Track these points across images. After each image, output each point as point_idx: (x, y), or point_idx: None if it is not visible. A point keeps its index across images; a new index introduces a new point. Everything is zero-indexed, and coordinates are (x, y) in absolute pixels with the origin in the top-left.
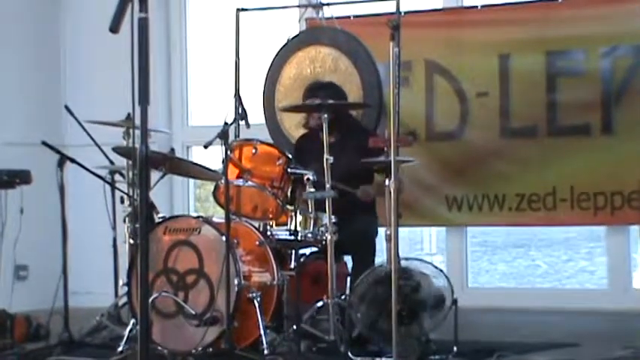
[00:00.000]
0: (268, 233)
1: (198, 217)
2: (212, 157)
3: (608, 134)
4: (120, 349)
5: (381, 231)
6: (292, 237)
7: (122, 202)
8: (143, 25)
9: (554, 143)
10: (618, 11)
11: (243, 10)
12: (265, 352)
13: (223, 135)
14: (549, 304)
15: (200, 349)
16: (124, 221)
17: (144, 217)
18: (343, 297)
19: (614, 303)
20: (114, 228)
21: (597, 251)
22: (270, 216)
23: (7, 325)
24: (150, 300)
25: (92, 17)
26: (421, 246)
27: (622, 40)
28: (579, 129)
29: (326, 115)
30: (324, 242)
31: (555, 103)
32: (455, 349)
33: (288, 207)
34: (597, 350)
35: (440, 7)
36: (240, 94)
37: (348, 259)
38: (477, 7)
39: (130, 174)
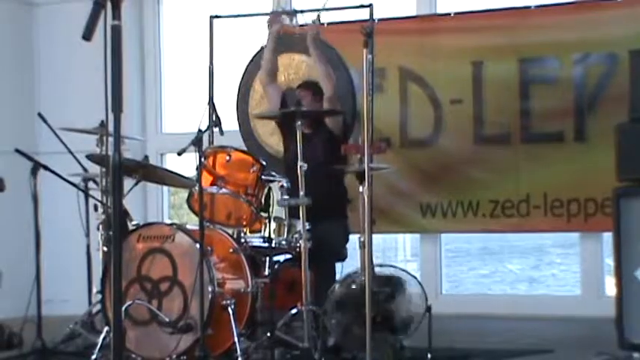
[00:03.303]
0: (242, 240)
1: (172, 224)
2: (186, 165)
3: (581, 141)
4: (94, 357)
5: (355, 238)
6: (266, 244)
7: (96, 209)
8: (116, 33)
9: (527, 150)
10: (590, 19)
11: (216, 17)
12: (239, 359)
13: (197, 142)
14: (523, 310)
15: (174, 356)
16: (98, 229)
17: (117, 224)
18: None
19: (587, 309)
20: (87, 235)
21: (570, 258)
22: (244, 223)
23: None
24: (123, 308)
25: (65, 25)
26: (395, 253)
27: (594, 47)
28: (552, 136)
29: (299, 123)
30: (298, 249)
31: (528, 111)
32: (429, 355)
33: (262, 214)
34: (570, 356)
35: (413, 14)
36: (214, 102)
37: None
38: (450, 14)
39: (104, 181)
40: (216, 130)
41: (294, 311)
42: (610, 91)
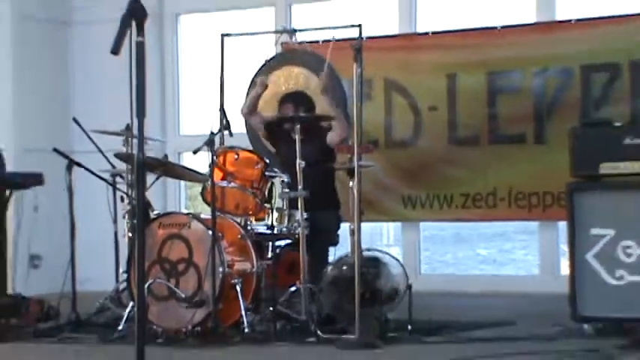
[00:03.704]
0: (249, 228)
1: (188, 213)
2: (200, 162)
3: (541, 143)
4: (120, 327)
5: (346, 226)
6: (269, 231)
7: (122, 200)
8: (140, 48)
9: (494, 150)
10: (548, 38)
11: (227, 35)
12: (246, 330)
13: (210, 143)
14: (490, 288)
15: (190, 327)
16: (124, 217)
17: (141, 214)
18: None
19: (544, 287)
20: (115, 223)
21: (531, 243)
22: (250, 213)
23: (23, 307)
24: (146, 285)
25: (96, 41)
26: (380, 239)
27: (551, 62)
28: (516, 138)
29: (298, 126)
30: (296, 235)
31: (495, 116)
32: (409, 327)
33: (266, 205)
34: (530, 328)
35: (396, 33)
36: (224, 108)
37: None
38: (428, 33)
39: (129, 176)
40: (226, 132)
41: (293, 289)
42: (564, 100)
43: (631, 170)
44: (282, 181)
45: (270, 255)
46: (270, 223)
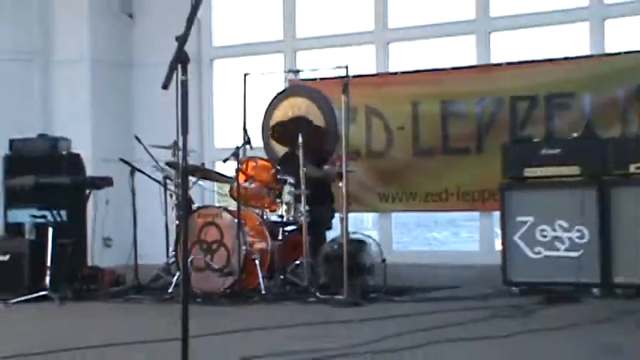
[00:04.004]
0: (265, 217)
1: (219, 207)
2: (228, 168)
3: (480, 153)
4: (170, 290)
5: (337, 215)
6: (280, 219)
7: (171, 197)
8: (184, 84)
9: (446, 159)
10: (486, 76)
11: (247, 74)
12: (262, 292)
13: (235, 154)
14: (443, 261)
15: (221, 290)
16: (172, 209)
17: (185, 207)
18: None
19: (483, 260)
20: (165, 214)
21: (473, 227)
22: (266, 206)
23: (99, 276)
24: (188, 260)
25: (153, 79)
26: (362, 225)
27: (488, 94)
28: (462, 150)
29: (301, 139)
30: (300, 223)
31: (447, 134)
32: (383, 290)
33: (278, 200)
34: (472, 290)
35: (374, 72)
36: (247, 128)
37: None
38: (397, 72)
39: (176, 179)
40: (247, 146)
41: (297, 262)
42: (497, 122)
43: (546, 174)
44: (290, 182)
45: (280, 237)
46: (280, 213)
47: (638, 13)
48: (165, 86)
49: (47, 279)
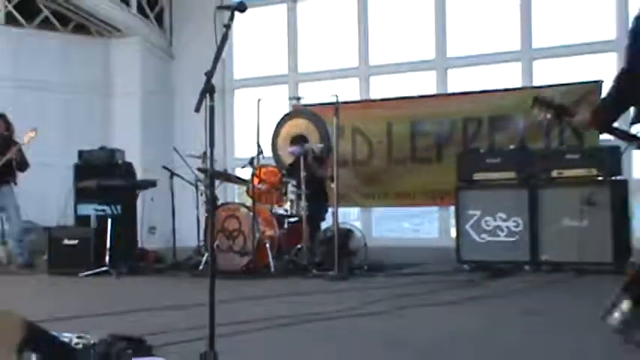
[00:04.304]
0: (273, 211)
1: (240, 204)
2: (245, 173)
3: (440, 162)
4: (200, 267)
5: (330, 210)
6: (285, 212)
7: (201, 195)
8: (212, 109)
9: (414, 167)
10: (444, 102)
11: (260, 99)
12: (272, 269)
13: (251, 162)
14: (410, 245)
15: (239, 268)
16: (202, 205)
17: (212, 203)
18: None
19: (441, 244)
20: (197, 208)
21: (434, 219)
22: (274, 202)
23: (146, 255)
24: (215, 244)
25: (188, 105)
26: (350, 217)
27: (446, 116)
28: (426, 159)
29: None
30: (301, 215)
31: (415, 147)
32: (365, 267)
33: (284, 197)
34: (434, 267)
35: (358, 99)
36: (259, 142)
37: None
38: (377, 100)
39: (205, 181)
40: (260, 156)
41: (299, 246)
42: (453, 138)
43: (490, 177)
44: (292, 184)
45: (285, 226)
46: (286, 208)
47: (557, 56)
48: (197, 110)
49: (107, 258)
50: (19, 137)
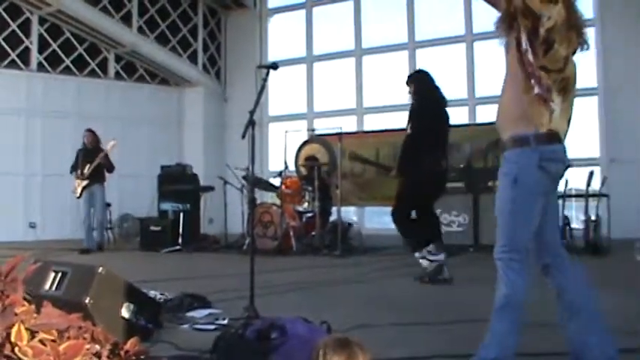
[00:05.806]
0: (296, 208)
1: (272, 203)
2: (277, 182)
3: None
4: (244, 247)
5: (334, 208)
6: (304, 210)
7: (245, 197)
8: (253, 137)
9: (394, 178)
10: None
11: (287, 131)
12: (294, 250)
13: (280, 174)
14: (392, 234)
15: (271, 248)
16: (246, 204)
17: (252, 203)
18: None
19: None
20: (242, 206)
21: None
22: (297, 202)
23: (207, 239)
24: (254, 231)
25: (236, 133)
26: (349, 214)
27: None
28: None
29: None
30: (314, 212)
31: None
32: (360, 249)
33: (303, 199)
34: (408, 249)
35: (355, 130)
36: (286, 160)
37: None
38: (370, 131)
39: (248, 187)
40: (286, 170)
41: (313, 234)
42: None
43: (447, 186)
44: (309, 190)
45: (304, 220)
46: (305, 206)
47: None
48: (242, 137)
49: (180, 240)
50: (103, 146)
